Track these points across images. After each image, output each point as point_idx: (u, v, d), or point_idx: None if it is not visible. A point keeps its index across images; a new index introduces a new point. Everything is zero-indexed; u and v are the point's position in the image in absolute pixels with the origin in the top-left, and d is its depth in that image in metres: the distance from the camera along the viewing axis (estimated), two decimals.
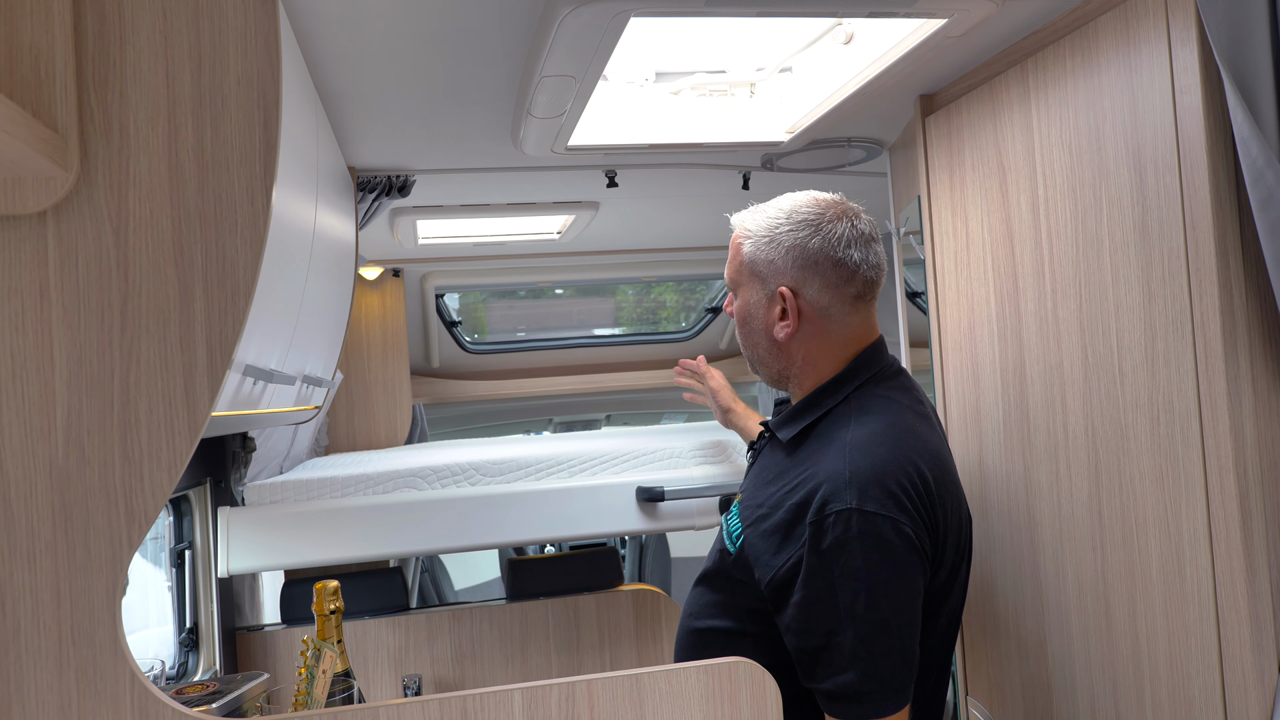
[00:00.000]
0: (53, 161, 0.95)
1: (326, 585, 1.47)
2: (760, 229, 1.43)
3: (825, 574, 1.26)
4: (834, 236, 1.39)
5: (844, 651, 1.25)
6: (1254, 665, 1.20)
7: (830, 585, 1.25)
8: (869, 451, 1.30)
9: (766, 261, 1.41)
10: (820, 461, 1.33)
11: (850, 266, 1.39)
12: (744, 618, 1.39)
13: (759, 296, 1.43)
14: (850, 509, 1.25)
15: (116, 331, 1.00)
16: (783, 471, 1.40)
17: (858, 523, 1.25)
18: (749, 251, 1.43)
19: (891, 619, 1.26)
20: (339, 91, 1.66)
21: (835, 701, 1.26)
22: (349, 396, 3.28)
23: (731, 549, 1.40)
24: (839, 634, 1.25)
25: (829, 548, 1.26)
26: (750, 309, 1.45)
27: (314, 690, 1.41)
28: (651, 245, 3.33)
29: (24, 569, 0.98)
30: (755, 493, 1.42)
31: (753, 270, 1.43)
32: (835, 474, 1.29)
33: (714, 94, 1.92)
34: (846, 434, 1.34)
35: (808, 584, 1.28)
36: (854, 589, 1.24)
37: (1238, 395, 1.21)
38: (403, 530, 2.05)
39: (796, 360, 1.43)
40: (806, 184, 2.50)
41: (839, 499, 1.27)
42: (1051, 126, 1.51)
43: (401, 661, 2.48)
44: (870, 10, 1.37)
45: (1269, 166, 1.14)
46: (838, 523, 1.26)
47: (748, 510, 1.41)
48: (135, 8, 1.00)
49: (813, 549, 1.27)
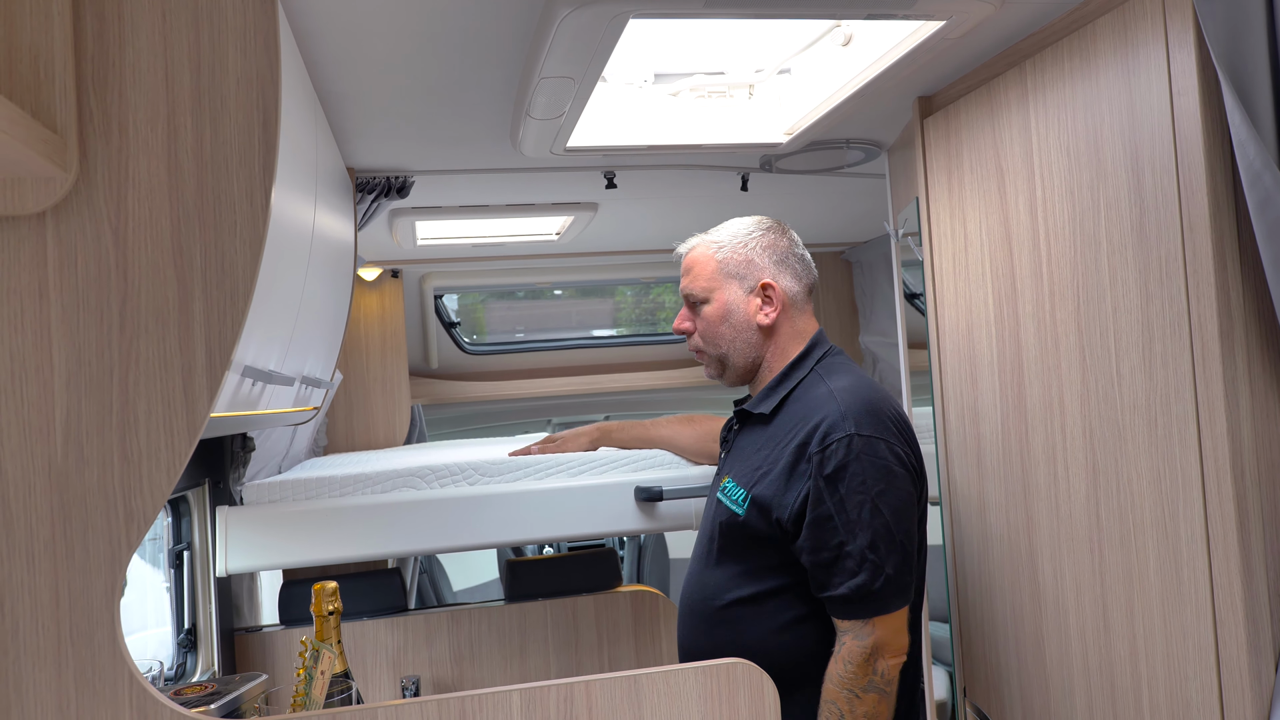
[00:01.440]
0: (52, 162, 0.95)
1: (325, 586, 1.47)
2: (727, 239, 1.69)
3: (833, 493, 1.46)
4: (791, 238, 1.70)
5: (854, 558, 1.45)
6: (1250, 666, 1.20)
7: (839, 502, 1.46)
8: (854, 393, 1.54)
9: (743, 262, 1.66)
10: (809, 413, 1.54)
11: (807, 262, 1.70)
12: (767, 576, 1.55)
13: (738, 294, 1.66)
14: (850, 434, 1.48)
15: (115, 332, 1.00)
16: (770, 437, 1.59)
17: (858, 445, 1.47)
18: (723, 257, 1.67)
19: (894, 525, 1.47)
20: (338, 92, 1.66)
21: (849, 603, 1.47)
22: (348, 397, 3.28)
23: (740, 511, 1.56)
24: (849, 543, 1.45)
25: (834, 470, 1.47)
26: (730, 307, 1.66)
27: (312, 691, 1.41)
28: (650, 246, 3.33)
29: (23, 569, 0.98)
30: (746, 462, 1.62)
31: (728, 273, 1.66)
32: (830, 412, 1.51)
33: (713, 95, 1.92)
34: (825, 388, 1.56)
35: (817, 505, 1.47)
36: (859, 501, 1.46)
37: (1235, 397, 1.21)
38: (401, 530, 2.05)
39: (769, 346, 1.66)
40: (805, 185, 2.52)
41: (838, 429, 1.48)
42: (1050, 128, 1.51)
43: (400, 662, 2.48)
44: (869, 12, 1.38)
45: (1266, 169, 1.14)
46: (839, 447, 1.47)
47: (744, 476, 1.60)
48: (135, 9, 1.01)
49: (819, 474, 1.47)
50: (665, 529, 2.18)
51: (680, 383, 3.88)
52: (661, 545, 5.01)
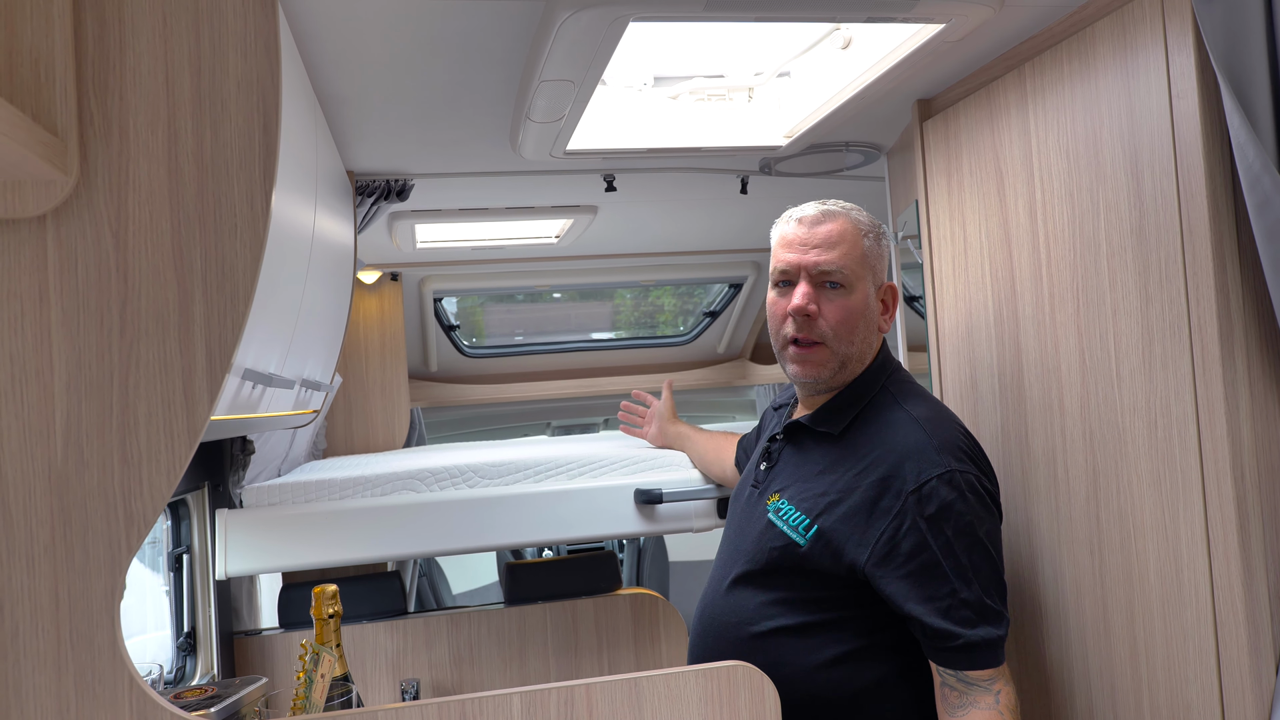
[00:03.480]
0: (52, 165, 0.95)
1: (325, 589, 1.47)
2: (868, 224, 1.52)
3: (938, 536, 1.33)
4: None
5: (972, 607, 1.33)
6: (1251, 668, 1.20)
7: (946, 545, 1.33)
8: (939, 423, 1.42)
9: (879, 257, 1.51)
10: (888, 440, 1.40)
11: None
12: (816, 608, 1.41)
13: (870, 290, 1.50)
14: (948, 470, 1.35)
15: (116, 335, 1.00)
16: (838, 459, 1.45)
17: (960, 482, 1.35)
18: (869, 247, 1.50)
19: (1000, 566, 1.38)
20: (338, 96, 1.67)
21: (978, 652, 1.33)
22: (347, 400, 3.28)
23: (802, 541, 1.41)
24: (963, 590, 1.33)
25: (937, 511, 1.33)
26: (867, 302, 1.49)
27: (312, 694, 1.41)
28: (650, 249, 3.34)
29: (23, 572, 0.98)
30: (808, 484, 1.46)
31: (867, 263, 1.49)
32: (919, 446, 1.38)
33: (712, 98, 1.93)
34: (903, 414, 1.43)
35: (921, 551, 1.33)
36: (968, 544, 1.34)
37: (1235, 399, 1.21)
38: (401, 532, 2.05)
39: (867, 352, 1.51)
40: (805, 188, 2.51)
41: (934, 465, 1.35)
42: (1049, 131, 1.51)
43: (399, 666, 2.48)
44: (868, 15, 1.38)
45: (1265, 171, 1.14)
46: (939, 485, 1.34)
47: (808, 501, 1.44)
48: (135, 11, 1.01)
49: (919, 515, 1.34)
50: (665, 531, 2.18)
51: (679, 385, 3.88)
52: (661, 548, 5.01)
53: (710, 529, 2.16)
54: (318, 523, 2.03)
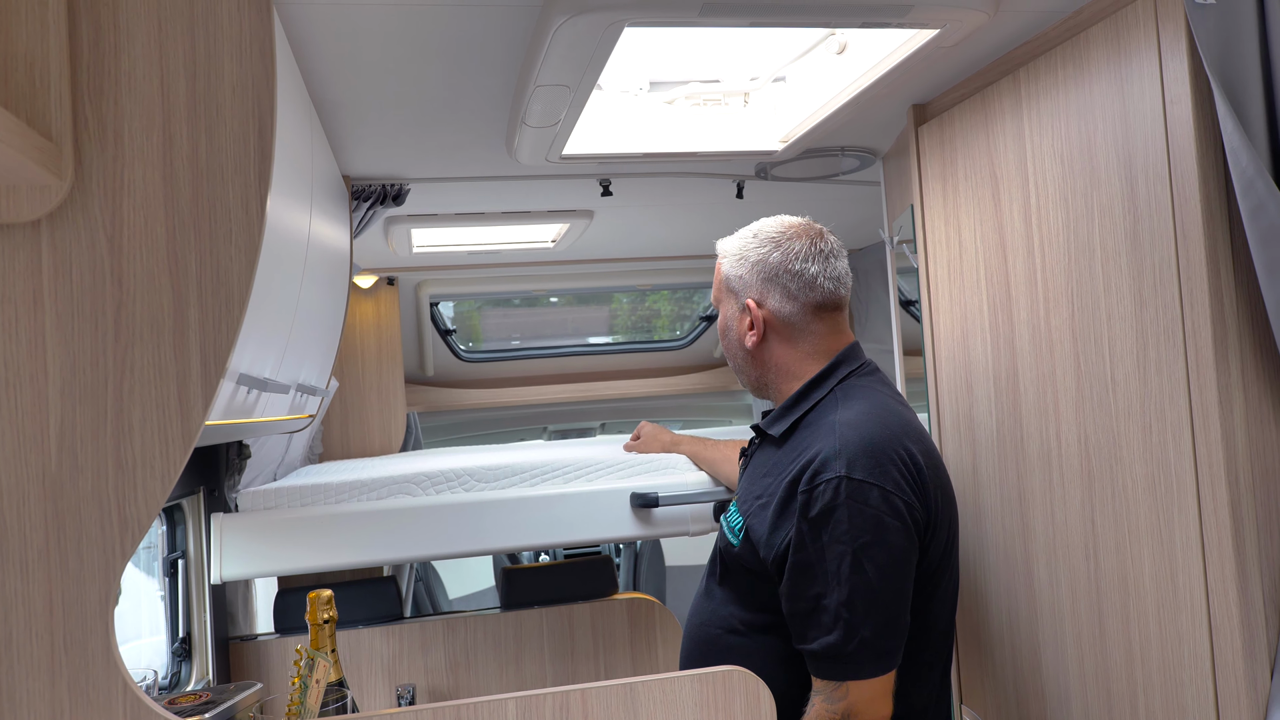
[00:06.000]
0: (47, 170, 0.95)
1: (320, 594, 1.47)
2: (733, 249, 1.58)
3: (815, 539, 1.34)
4: (792, 252, 1.52)
5: (829, 613, 1.33)
6: (1246, 672, 1.21)
7: (819, 550, 1.34)
8: (857, 427, 1.39)
9: (737, 277, 1.56)
10: (812, 442, 1.41)
11: (807, 277, 1.51)
12: (760, 608, 1.46)
13: (733, 310, 1.58)
14: (839, 477, 1.34)
15: (110, 340, 1.00)
16: (776, 463, 1.48)
17: (846, 489, 1.33)
18: (725, 270, 1.58)
19: (877, 583, 1.32)
20: (334, 100, 1.67)
21: (819, 661, 1.34)
22: (343, 405, 3.27)
23: (735, 542, 1.47)
24: (825, 596, 1.33)
25: (818, 514, 1.34)
26: (728, 322, 1.59)
27: (307, 700, 1.40)
28: (646, 254, 3.34)
29: (16, 578, 0.98)
30: (751, 487, 1.51)
31: (728, 286, 1.58)
32: (826, 448, 1.38)
33: (708, 103, 1.93)
34: (835, 416, 1.43)
35: (798, 550, 1.36)
36: (840, 552, 1.32)
37: (1229, 403, 1.22)
38: (397, 536, 2.05)
39: (770, 368, 1.55)
40: (801, 192, 2.52)
41: (829, 469, 1.35)
42: (1043, 136, 1.52)
43: (395, 671, 2.47)
44: (863, 21, 1.38)
45: (1259, 176, 1.15)
46: (826, 490, 1.34)
47: (746, 503, 1.50)
48: (130, 16, 1.01)
49: (803, 516, 1.35)
50: (661, 535, 2.18)
51: (676, 390, 3.88)
52: (658, 552, 5.00)
53: (706, 532, 2.15)
54: (313, 527, 2.02)
